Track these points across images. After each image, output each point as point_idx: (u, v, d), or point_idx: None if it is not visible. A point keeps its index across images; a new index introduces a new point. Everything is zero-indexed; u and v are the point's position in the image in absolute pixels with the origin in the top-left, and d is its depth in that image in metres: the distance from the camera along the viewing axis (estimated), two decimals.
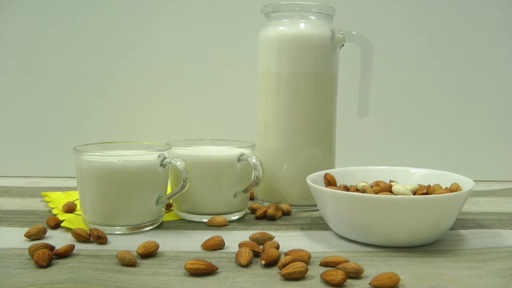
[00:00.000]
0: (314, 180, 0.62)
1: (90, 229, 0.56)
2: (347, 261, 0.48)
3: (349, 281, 0.45)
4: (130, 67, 0.98)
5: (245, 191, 0.66)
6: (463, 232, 0.61)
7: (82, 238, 0.55)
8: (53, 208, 0.69)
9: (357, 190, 0.62)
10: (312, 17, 0.71)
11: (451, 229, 0.62)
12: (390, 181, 0.65)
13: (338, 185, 0.65)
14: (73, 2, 0.97)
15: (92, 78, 0.98)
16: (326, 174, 0.66)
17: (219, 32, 0.98)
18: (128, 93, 0.99)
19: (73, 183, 0.85)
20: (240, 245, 0.53)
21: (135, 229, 0.60)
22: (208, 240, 0.54)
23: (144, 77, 0.98)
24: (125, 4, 0.97)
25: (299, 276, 0.45)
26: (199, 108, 0.99)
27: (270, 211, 0.67)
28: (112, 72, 0.98)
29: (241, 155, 0.65)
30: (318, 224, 0.65)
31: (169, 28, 0.98)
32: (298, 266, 0.46)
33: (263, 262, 0.49)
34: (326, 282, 0.45)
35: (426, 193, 0.58)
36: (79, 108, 0.99)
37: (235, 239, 0.57)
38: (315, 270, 0.48)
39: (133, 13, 0.97)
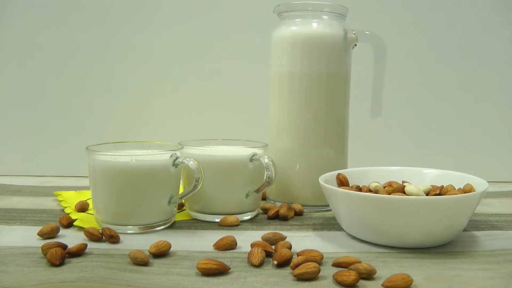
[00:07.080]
0: (327, 180, 0.62)
1: (103, 228, 0.56)
2: (360, 262, 0.48)
3: (361, 282, 0.45)
4: (144, 67, 0.99)
5: (257, 191, 0.66)
6: (477, 233, 0.61)
7: (95, 237, 0.56)
8: (66, 207, 0.70)
9: (370, 191, 0.62)
10: (325, 17, 0.71)
11: (464, 230, 0.61)
12: (403, 182, 0.65)
13: (350, 186, 0.65)
14: (80, 2, 0.98)
15: (106, 78, 0.99)
16: (338, 174, 0.65)
17: (231, 32, 0.98)
18: (141, 93, 0.99)
19: (85, 182, 0.85)
20: (252, 245, 0.52)
21: (147, 228, 0.60)
22: (220, 240, 0.54)
23: (157, 77, 0.99)
24: (137, 2, 0.98)
25: (311, 277, 0.45)
26: (211, 108, 0.99)
27: (283, 211, 0.66)
28: (126, 72, 0.99)
29: (253, 155, 0.65)
30: (331, 224, 0.65)
31: (182, 28, 0.98)
32: (310, 266, 0.46)
33: (275, 262, 0.49)
34: (339, 282, 0.44)
35: (439, 194, 0.58)
36: (92, 108, 0.99)
37: (247, 239, 0.57)
38: (328, 271, 0.47)
39: (147, 13, 0.98)
